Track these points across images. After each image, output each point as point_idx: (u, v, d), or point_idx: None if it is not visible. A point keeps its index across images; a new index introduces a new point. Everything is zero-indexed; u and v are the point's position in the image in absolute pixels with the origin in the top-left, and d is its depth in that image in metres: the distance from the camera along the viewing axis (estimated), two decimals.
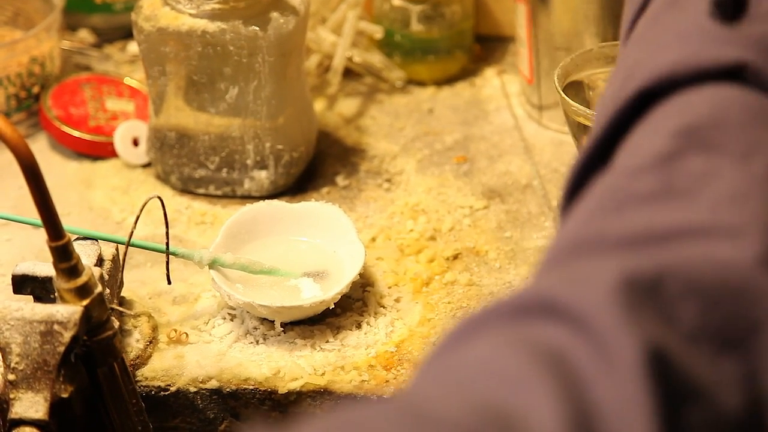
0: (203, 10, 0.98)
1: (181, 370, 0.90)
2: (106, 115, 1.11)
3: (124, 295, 0.94)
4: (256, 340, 0.91)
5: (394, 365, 0.89)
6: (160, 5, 0.99)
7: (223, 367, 0.90)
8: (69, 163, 1.09)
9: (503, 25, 1.19)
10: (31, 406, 0.77)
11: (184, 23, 0.98)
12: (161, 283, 0.93)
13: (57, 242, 0.77)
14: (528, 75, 1.10)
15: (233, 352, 0.90)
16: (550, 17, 1.06)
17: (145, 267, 0.98)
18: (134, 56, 1.19)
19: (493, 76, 1.17)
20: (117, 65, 1.19)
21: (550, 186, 1.05)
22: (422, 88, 1.17)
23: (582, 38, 1.06)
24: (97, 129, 1.09)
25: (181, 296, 0.95)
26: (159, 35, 0.99)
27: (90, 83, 1.13)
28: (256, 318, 0.92)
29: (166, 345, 0.91)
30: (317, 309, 0.91)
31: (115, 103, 1.12)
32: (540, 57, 1.08)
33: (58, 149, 1.11)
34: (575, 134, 0.93)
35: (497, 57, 1.19)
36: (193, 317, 0.93)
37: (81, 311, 0.78)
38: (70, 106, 1.11)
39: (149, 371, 0.90)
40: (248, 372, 0.89)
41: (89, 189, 1.06)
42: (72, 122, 1.10)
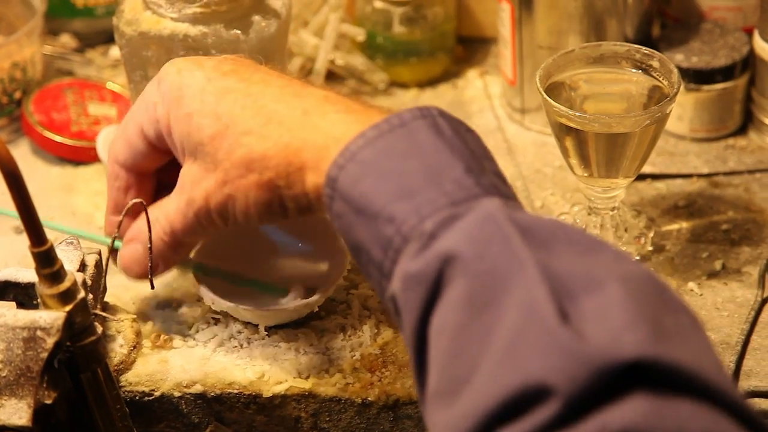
0: (185, 14, 0.97)
1: (165, 375, 0.89)
2: (88, 119, 1.11)
3: (108, 300, 0.94)
4: (240, 344, 0.91)
5: (379, 367, 0.89)
6: (141, 9, 0.99)
7: (208, 371, 0.89)
8: (51, 168, 1.09)
9: (485, 27, 1.19)
10: (15, 412, 0.77)
11: (166, 27, 0.98)
12: (145, 287, 0.93)
13: (39, 248, 0.77)
14: (511, 76, 1.10)
15: (217, 357, 0.90)
16: (534, 16, 1.06)
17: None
18: (116, 61, 1.19)
19: (475, 77, 1.18)
20: (99, 70, 1.19)
21: (533, 186, 1.05)
22: (405, 90, 1.17)
23: (566, 38, 1.06)
24: (79, 134, 1.09)
25: (165, 301, 0.95)
26: (141, 39, 0.99)
27: (72, 88, 1.13)
28: (240, 322, 0.92)
29: (150, 350, 0.91)
30: (301, 312, 0.91)
31: (98, 107, 1.12)
32: (524, 57, 1.08)
33: (40, 154, 1.10)
34: (557, 135, 0.93)
35: (479, 58, 1.19)
36: (177, 322, 0.93)
37: (64, 317, 0.78)
38: (52, 111, 1.11)
39: (133, 376, 0.89)
40: (232, 376, 0.89)
41: (72, 194, 1.06)
42: (54, 127, 1.09)
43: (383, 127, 0.72)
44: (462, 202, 0.68)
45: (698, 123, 1.08)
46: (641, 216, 1.01)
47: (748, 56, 1.07)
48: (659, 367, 0.58)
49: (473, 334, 0.63)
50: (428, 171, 0.70)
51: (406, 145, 0.71)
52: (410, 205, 0.69)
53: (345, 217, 0.72)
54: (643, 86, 0.95)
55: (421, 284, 0.66)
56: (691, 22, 1.10)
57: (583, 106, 0.95)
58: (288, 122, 0.76)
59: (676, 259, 0.98)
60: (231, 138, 0.78)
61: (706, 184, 1.05)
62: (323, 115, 0.76)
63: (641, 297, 0.62)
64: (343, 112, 0.76)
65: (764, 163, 1.06)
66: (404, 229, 0.68)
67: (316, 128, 0.75)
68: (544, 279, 0.62)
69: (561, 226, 0.67)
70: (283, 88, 0.78)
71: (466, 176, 0.69)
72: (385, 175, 0.70)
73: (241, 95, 0.79)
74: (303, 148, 0.75)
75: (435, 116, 0.72)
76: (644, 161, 0.94)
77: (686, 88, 1.06)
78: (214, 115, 0.78)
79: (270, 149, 0.76)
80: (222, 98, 0.79)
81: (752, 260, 0.97)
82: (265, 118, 0.77)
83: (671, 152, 1.08)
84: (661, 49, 1.06)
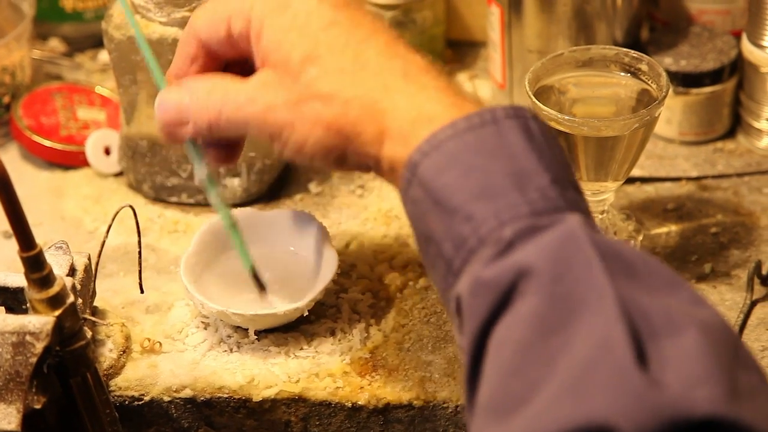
0: (174, 18, 0.97)
1: (154, 380, 0.89)
2: (77, 124, 1.10)
3: (97, 305, 0.94)
4: (230, 348, 0.91)
5: (369, 371, 0.89)
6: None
7: (197, 375, 0.89)
8: (40, 172, 1.09)
9: (474, 30, 1.19)
10: (4, 417, 0.77)
11: (155, 31, 0.98)
12: (134, 292, 0.93)
13: (28, 252, 0.77)
14: (500, 80, 1.10)
15: (207, 361, 0.90)
16: (523, 20, 1.06)
17: (117, 276, 0.98)
18: (105, 65, 1.19)
19: (464, 81, 1.18)
20: (88, 74, 1.19)
21: None
22: None
23: (555, 41, 1.06)
24: (68, 138, 1.09)
25: (155, 305, 0.95)
26: (130, 44, 0.99)
27: (61, 92, 1.13)
28: (229, 326, 0.92)
29: (139, 354, 0.91)
30: (291, 316, 0.91)
31: (87, 112, 1.12)
32: (513, 61, 1.08)
33: (29, 159, 1.10)
34: None
35: (469, 62, 1.20)
36: (167, 326, 0.93)
37: (53, 322, 0.78)
38: (41, 115, 1.11)
39: (123, 381, 0.89)
40: (222, 380, 0.89)
41: (61, 198, 1.06)
42: (43, 132, 1.09)
43: (474, 121, 0.69)
44: (545, 214, 0.66)
45: (687, 126, 1.08)
46: (630, 219, 1.01)
47: (736, 60, 1.07)
48: (731, 427, 0.56)
49: (539, 354, 0.61)
50: (514, 174, 0.67)
51: (496, 143, 0.68)
52: (491, 207, 0.66)
53: (420, 204, 0.69)
54: (632, 90, 0.95)
55: (491, 292, 0.64)
56: (679, 26, 1.10)
57: (573, 110, 0.95)
58: (385, 78, 0.72)
59: (665, 262, 0.98)
60: (323, 68, 0.74)
61: (695, 188, 1.05)
62: (422, 85, 0.72)
63: (719, 350, 0.59)
64: (442, 90, 0.72)
65: (753, 166, 1.07)
66: (482, 231, 0.66)
67: (411, 97, 0.72)
68: (622, 314, 0.60)
69: (640, 255, 0.65)
70: (388, 43, 0.74)
71: (551, 187, 0.67)
72: (469, 170, 0.67)
73: (346, 31, 0.74)
74: (391, 112, 0.72)
75: (528, 118, 0.69)
76: (633, 164, 0.94)
77: (675, 91, 1.06)
78: (315, 39, 0.74)
79: (358, 97, 0.72)
80: (328, 27, 0.75)
81: (741, 263, 0.98)
82: (362, 64, 0.73)
83: (660, 155, 1.08)
84: (649, 53, 1.06)
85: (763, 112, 1.07)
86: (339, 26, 0.75)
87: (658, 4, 1.13)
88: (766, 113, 1.07)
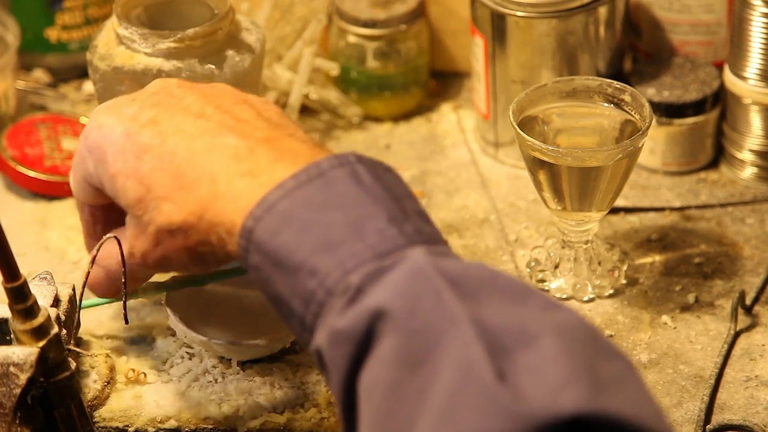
0: (158, 48, 0.97)
1: (139, 411, 0.89)
2: (61, 154, 1.10)
3: (82, 336, 0.93)
4: (215, 379, 0.91)
5: None
6: (115, 44, 0.99)
7: (182, 406, 0.89)
8: (25, 203, 1.09)
9: (459, 61, 1.20)
10: None
11: (140, 62, 0.98)
12: (118, 322, 0.93)
13: (12, 283, 0.77)
14: (484, 110, 1.11)
15: (192, 392, 0.90)
16: (507, 51, 1.07)
17: (102, 307, 0.97)
18: (90, 95, 1.19)
19: (449, 111, 1.18)
20: (73, 105, 1.19)
21: (507, 220, 1.06)
22: (379, 124, 1.17)
23: (539, 72, 1.07)
24: (52, 169, 1.09)
25: (139, 336, 0.95)
26: (114, 74, 0.99)
27: (45, 123, 1.13)
28: (214, 356, 0.91)
29: (124, 385, 0.91)
30: (273, 348, 0.90)
31: (71, 142, 1.12)
32: (497, 91, 1.09)
33: (13, 189, 1.10)
34: (531, 169, 0.94)
35: (453, 92, 1.20)
36: (151, 357, 0.93)
37: (37, 352, 0.78)
38: (25, 146, 1.11)
39: (107, 412, 0.89)
40: (207, 411, 0.89)
41: (45, 229, 1.06)
42: (27, 162, 1.09)
43: (301, 177, 0.71)
44: (387, 254, 0.67)
45: (670, 157, 1.09)
46: (615, 249, 1.01)
47: (718, 90, 1.07)
48: (600, 420, 0.58)
49: (407, 392, 0.62)
50: (350, 222, 0.68)
51: (326, 195, 0.70)
52: (333, 257, 0.67)
53: (262, 270, 0.70)
54: (616, 120, 0.95)
55: (349, 341, 0.65)
56: (662, 57, 1.11)
57: (556, 140, 0.96)
58: (198, 191, 0.75)
59: (649, 292, 0.98)
60: (152, 203, 0.77)
61: (678, 218, 1.05)
62: (229, 181, 0.74)
63: (576, 348, 0.61)
64: (251, 173, 0.73)
65: (736, 196, 1.07)
66: (328, 283, 0.67)
67: (224, 198, 0.74)
68: (478, 335, 0.61)
69: (489, 273, 0.66)
70: (195, 140, 0.77)
71: (389, 226, 0.68)
72: (305, 226, 0.69)
73: (157, 155, 0.77)
74: (216, 217, 0.74)
75: (353, 163, 0.71)
76: (617, 195, 0.95)
77: (658, 122, 1.07)
78: (136, 177, 0.78)
79: (187, 218, 0.75)
80: (141, 158, 0.78)
81: (725, 293, 0.98)
82: (179, 183, 0.76)
83: (644, 186, 1.08)
84: (632, 84, 1.06)
85: (746, 142, 1.07)
86: (149, 151, 0.77)
87: (640, 35, 1.14)
88: (748, 144, 1.07)
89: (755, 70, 1.04)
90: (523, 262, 1.01)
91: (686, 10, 1.11)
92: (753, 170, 1.08)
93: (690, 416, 0.88)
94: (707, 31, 1.11)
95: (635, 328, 0.95)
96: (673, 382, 0.91)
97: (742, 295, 0.95)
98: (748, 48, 1.04)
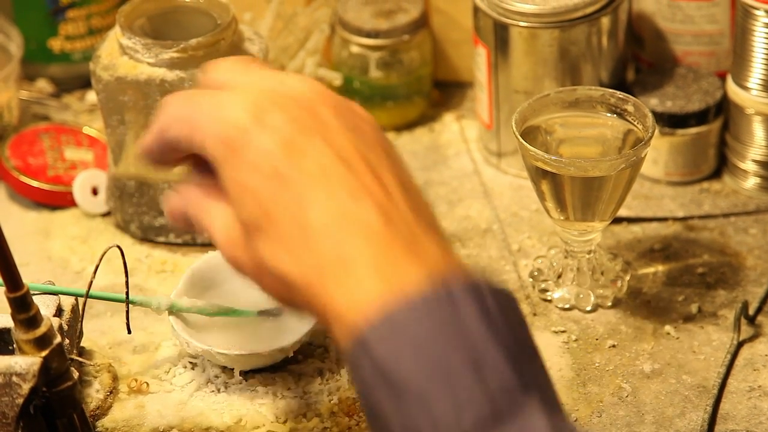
0: (162, 59, 0.98)
1: (141, 420, 0.89)
2: (65, 164, 1.11)
3: (84, 345, 0.93)
4: (218, 389, 0.91)
5: (357, 411, 0.89)
6: (118, 54, 1.00)
7: (185, 416, 0.89)
8: (27, 213, 1.09)
9: (461, 71, 1.20)
10: None
11: (143, 72, 0.98)
12: (121, 332, 0.93)
13: (15, 293, 0.77)
14: (487, 120, 1.11)
15: (194, 401, 0.90)
16: (510, 61, 1.07)
17: (105, 316, 0.97)
18: (93, 105, 1.19)
19: (452, 121, 1.18)
20: (76, 115, 1.19)
21: (510, 230, 1.06)
22: None
23: (541, 82, 1.07)
24: (55, 179, 1.09)
25: (142, 345, 0.95)
26: (117, 84, 0.99)
27: (48, 133, 1.13)
28: (217, 366, 0.92)
29: (126, 395, 0.91)
30: (276, 357, 0.91)
31: (74, 152, 1.12)
32: (500, 102, 1.09)
33: (16, 199, 1.10)
34: (533, 178, 0.94)
35: (456, 102, 1.20)
36: (154, 366, 0.93)
37: (40, 362, 0.78)
38: (28, 156, 1.11)
39: (109, 422, 0.89)
40: (209, 421, 0.89)
41: (48, 239, 1.06)
42: (30, 172, 1.09)
43: (430, 297, 0.66)
44: (504, 404, 0.64)
45: (673, 167, 1.09)
46: (617, 259, 1.01)
47: (721, 101, 1.07)
48: None
49: None
50: (471, 359, 0.65)
51: (452, 324, 0.65)
52: (448, 394, 0.64)
53: (367, 378, 0.66)
54: (618, 130, 0.95)
55: None
56: (665, 67, 1.11)
57: (559, 150, 0.96)
58: (321, 258, 0.68)
59: (652, 302, 0.98)
60: (266, 239, 0.70)
61: (681, 228, 1.05)
62: (356, 268, 0.67)
63: None
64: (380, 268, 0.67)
65: (739, 206, 1.07)
66: (439, 425, 0.64)
67: (346, 283, 0.67)
68: None
69: None
70: (334, 196, 0.69)
71: (509, 370, 0.65)
72: (424, 351, 0.65)
73: (291, 192, 0.69)
74: (330, 297, 0.68)
75: (484, 293, 0.67)
76: (620, 205, 0.95)
77: (661, 132, 1.07)
78: (259, 199, 0.70)
79: (300, 280, 0.69)
80: (271, 183, 0.70)
81: (728, 303, 0.98)
82: (304, 238, 0.69)
83: (646, 196, 1.08)
84: (635, 94, 1.06)
85: (749, 152, 1.07)
86: (286, 182, 0.70)
87: (643, 45, 1.14)
88: (751, 154, 1.07)
89: (758, 81, 1.04)
90: (526, 272, 1.01)
91: (689, 21, 1.11)
92: (756, 180, 1.08)
93: (693, 426, 0.88)
94: (710, 41, 1.11)
95: (638, 338, 0.95)
96: (676, 392, 0.91)
97: (745, 306, 0.95)
98: (750, 58, 1.04)
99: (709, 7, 1.10)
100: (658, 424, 0.88)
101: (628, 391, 0.91)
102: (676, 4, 1.10)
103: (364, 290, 0.67)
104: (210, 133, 0.72)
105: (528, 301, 0.99)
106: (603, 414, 0.89)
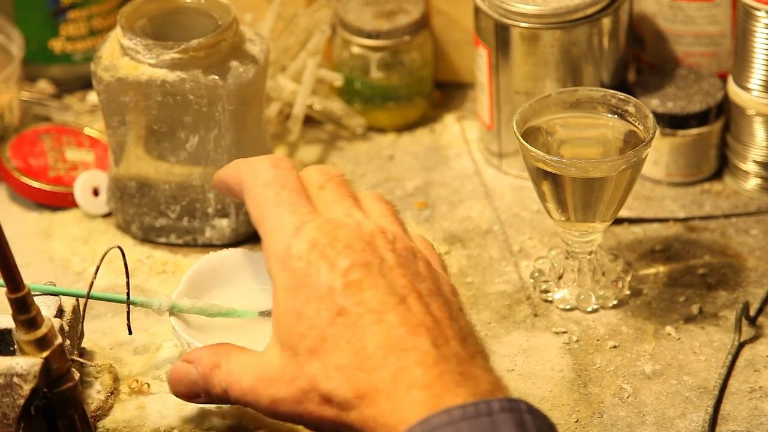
0: (163, 59, 0.98)
1: (142, 421, 0.89)
2: (65, 165, 1.11)
3: (85, 346, 0.93)
4: None
5: None
6: (119, 55, 1.00)
7: (185, 416, 0.89)
8: (29, 213, 1.09)
9: (462, 72, 1.20)
10: None
11: (144, 73, 0.98)
12: (122, 333, 0.93)
13: (16, 294, 0.77)
14: (488, 121, 1.11)
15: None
16: (511, 62, 1.07)
17: (106, 317, 0.97)
18: (94, 106, 1.19)
19: (452, 122, 1.18)
20: (77, 115, 1.19)
21: (510, 231, 1.06)
22: (382, 135, 1.17)
23: (542, 83, 1.07)
24: (57, 179, 1.09)
25: (143, 346, 0.95)
26: (118, 85, 0.99)
27: (49, 134, 1.13)
28: None
29: (127, 396, 0.91)
30: None
31: (75, 153, 1.12)
32: (501, 102, 1.09)
33: (17, 200, 1.10)
34: (534, 179, 0.94)
35: (456, 103, 1.20)
36: (155, 367, 0.93)
37: (41, 363, 0.78)
38: (29, 156, 1.11)
39: (110, 422, 0.89)
40: (210, 421, 0.89)
41: (49, 239, 1.06)
42: (31, 173, 1.09)
43: (469, 411, 0.70)
44: None
45: (674, 168, 1.09)
46: (618, 260, 1.01)
47: (722, 101, 1.07)
48: None
49: None
50: None
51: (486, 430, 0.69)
52: None
53: None
54: (619, 131, 0.95)
55: None
56: (666, 68, 1.11)
57: (560, 151, 0.96)
58: (375, 379, 0.74)
59: (653, 303, 0.98)
60: (324, 363, 0.75)
61: (682, 229, 1.05)
62: (408, 386, 0.73)
63: None
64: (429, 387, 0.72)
65: (740, 207, 1.07)
66: None
67: (395, 399, 0.73)
68: None
69: None
70: (392, 330, 0.75)
71: None
72: None
73: (350, 325, 0.75)
74: (378, 411, 0.73)
75: (523, 412, 0.71)
76: (621, 206, 0.95)
77: (662, 133, 1.07)
78: (321, 333, 0.76)
79: (353, 398, 0.74)
80: (335, 319, 0.76)
81: (729, 304, 0.98)
82: (360, 362, 0.74)
83: (648, 197, 1.08)
84: (636, 95, 1.06)
85: (750, 153, 1.07)
86: (345, 316, 0.75)
87: (644, 46, 1.14)
88: (752, 155, 1.07)
89: (759, 81, 1.04)
90: (527, 273, 1.01)
91: (690, 22, 1.11)
92: (757, 181, 1.08)
93: (694, 427, 0.88)
94: (711, 42, 1.11)
95: (639, 339, 0.95)
96: (677, 393, 0.91)
97: (746, 306, 0.95)
98: (751, 59, 1.04)
99: (710, 8, 1.10)
100: (659, 425, 0.88)
101: (629, 392, 0.91)
102: (677, 5, 1.10)
103: (412, 404, 0.72)
104: (272, 254, 0.79)
105: (529, 301, 0.99)
106: (604, 415, 0.89)
